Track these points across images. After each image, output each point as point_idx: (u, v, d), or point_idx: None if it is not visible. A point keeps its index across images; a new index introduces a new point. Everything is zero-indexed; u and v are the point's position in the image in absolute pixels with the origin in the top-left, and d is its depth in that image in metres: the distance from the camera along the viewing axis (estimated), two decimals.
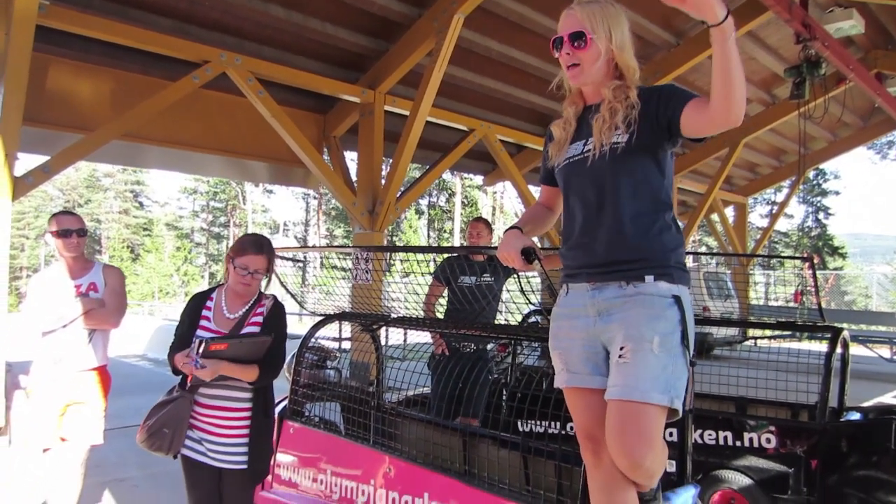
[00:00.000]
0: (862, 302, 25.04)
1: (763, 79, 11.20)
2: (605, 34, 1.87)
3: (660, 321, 1.75)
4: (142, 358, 12.94)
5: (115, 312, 3.32)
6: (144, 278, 40.71)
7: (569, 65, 1.90)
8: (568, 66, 1.91)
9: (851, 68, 9.05)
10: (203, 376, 2.39)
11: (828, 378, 3.52)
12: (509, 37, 7.87)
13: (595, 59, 1.87)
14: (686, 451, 2.28)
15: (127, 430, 2.66)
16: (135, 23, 5.77)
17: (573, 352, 1.91)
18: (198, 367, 2.35)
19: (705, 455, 3.65)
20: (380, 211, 7.23)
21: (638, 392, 1.69)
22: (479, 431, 3.01)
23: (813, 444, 3.42)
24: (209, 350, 2.37)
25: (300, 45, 7.09)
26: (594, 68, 1.89)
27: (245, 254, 2.58)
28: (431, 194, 41.80)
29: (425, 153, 9.30)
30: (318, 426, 3.27)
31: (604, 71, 1.90)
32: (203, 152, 7.29)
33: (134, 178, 47.25)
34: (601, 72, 1.90)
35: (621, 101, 1.85)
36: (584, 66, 1.88)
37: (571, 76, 1.92)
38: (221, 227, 48.02)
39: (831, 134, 13.91)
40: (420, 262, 3.63)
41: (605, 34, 1.87)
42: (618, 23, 1.89)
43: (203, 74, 6.02)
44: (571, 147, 1.96)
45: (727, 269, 15.20)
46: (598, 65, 1.89)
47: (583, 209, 1.91)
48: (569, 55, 1.88)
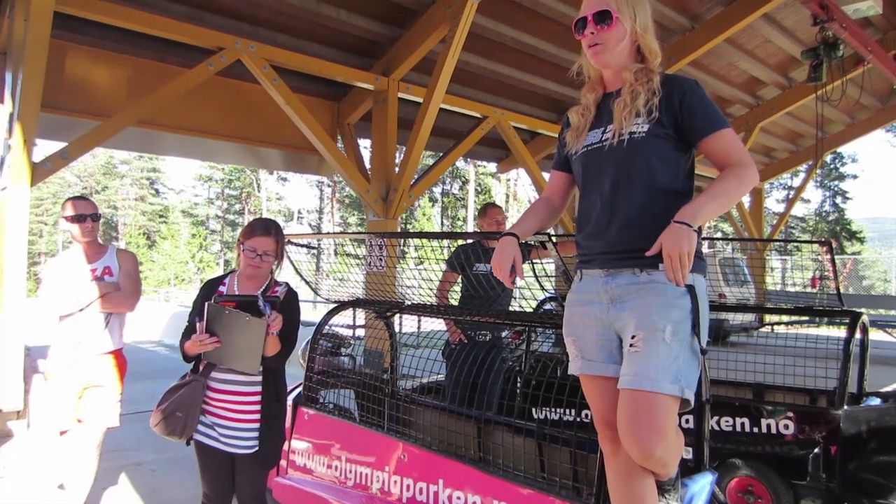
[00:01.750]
0: (881, 286, 24.76)
1: (779, 61, 11.02)
2: (630, 15, 1.86)
3: (672, 310, 1.74)
4: (158, 344, 13.11)
5: (130, 296, 3.35)
6: (160, 265, 41.14)
7: (592, 44, 1.88)
8: (590, 46, 1.89)
9: (870, 49, 8.87)
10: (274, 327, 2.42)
11: (847, 363, 3.48)
12: (523, 22, 7.79)
13: (619, 39, 1.86)
14: (703, 438, 2.27)
15: (143, 415, 2.70)
16: (151, 10, 5.79)
17: (587, 339, 1.91)
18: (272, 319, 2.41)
19: (723, 442, 3.63)
20: (393, 198, 7.23)
21: (649, 381, 1.68)
22: (493, 419, 3.02)
23: (832, 430, 3.39)
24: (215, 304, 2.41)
25: (314, 33, 7.07)
26: (618, 49, 1.88)
27: (254, 236, 2.60)
28: (445, 182, 41.73)
29: (439, 140, 9.27)
30: (333, 413, 3.29)
31: (627, 52, 1.89)
32: (218, 139, 7.32)
33: (150, 165, 47.64)
34: (624, 53, 1.89)
35: (643, 84, 1.84)
36: (608, 46, 1.87)
37: (593, 54, 1.90)
38: (236, 215, 48.33)
39: (849, 117, 13.68)
40: (434, 248, 3.63)
41: (629, 15, 1.86)
42: (642, 5, 1.89)
43: (218, 61, 6.03)
44: (590, 135, 1.95)
45: (743, 255, 15.06)
46: (623, 46, 1.88)
47: (599, 197, 1.90)
48: (593, 34, 1.87)
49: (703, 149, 1.84)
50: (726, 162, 1.80)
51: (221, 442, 2.55)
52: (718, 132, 1.80)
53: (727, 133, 1.81)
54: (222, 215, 48.43)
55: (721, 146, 1.80)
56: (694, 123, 1.81)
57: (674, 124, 1.82)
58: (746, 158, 1.80)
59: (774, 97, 12.01)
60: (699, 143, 1.83)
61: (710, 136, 1.80)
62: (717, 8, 8.69)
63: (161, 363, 10.09)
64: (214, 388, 2.58)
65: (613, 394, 1.81)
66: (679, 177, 1.87)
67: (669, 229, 1.68)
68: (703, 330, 1.76)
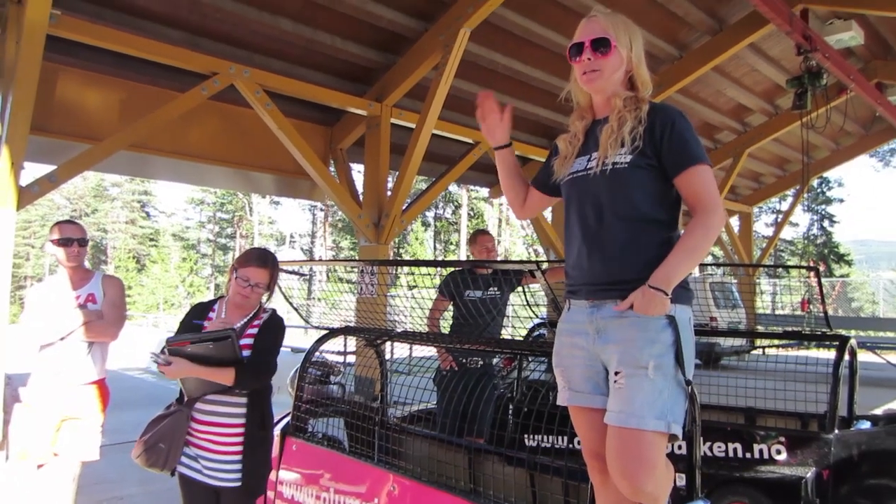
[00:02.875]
0: (869, 308, 24.92)
1: (765, 89, 11.21)
2: (627, 45, 1.89)
3: (654, 345, 1.73)
4: (145, 371, 12.93)
5: (113, 324, 3.29)
6: (150, 289, 40.77)
7: (587, 70, 1.89)
8: (585, 72, 1.90)
9: (852, 78, 9.06)
10: (167, 374, 2.41)
11: (836, 387, 3.50)
12: (514, 50, 7.90)
13: (616, 68, 1.88)
14: (695, 465, 2.26)
15: (128, 445, 2.64)
16: (145, 34, 5.80)
17: (575, 370, 1.90)
18: (161, 363, 2.39)
19: (715, 468, 3.62)
20: (385, 223, 7.24)
21: (634, 419, 1.69)
22: (485, 448, 2.99)
23: (824, 454, 3.39)
24: (170, 347, 2.40)
25: (308, 58, 7.13)
26: (614, 77, 1.89)
27: (248, 265, 2.59)
28: (438, 206, 41.82)
29: (431, 165, 9.31)
30: (322, 443, 3.25)
31: (620, 81, 1.91)
32: (210, 164, 7.31)
33: (141, 188, 47.51)
34: (618, 81, 1.91)
35: (631, 112, 1.85)
36: (604, 73, 1.88)
37: (588, 80, 1.90)
38: (228, 239, 48.15)
39: (834, 143, 13.89)
40: (425, 275, 3.63)
41: (626, 45, 1.88)
42: (637, 36, 1.92)
43: (211, 86, 6.06)
44: (576, 162, 1.96)
45: (733, 279, 15.13)
46: (618, 75, 1.90)
47: (583, 226, 1.90)
48: (590, 60, 1.87)
49: (676, 184, 1.83)
50: (694, 204, 1.81)
51: (205, 475, 2.51)
52: (690, 169, 1.79)
53: (699, 171, 1.80)
54: (214, 239, 48.22)
55: (691, 186, 1.80)
56: (670, 157, 1.81)
57: (656, 155, 1.82)
58: (712, 203, 1.79)
59: (761, 124, 12.19)
60: (673, 179, 1.83)
61: (683, 173, 1.80)
62: (705, 38, 8.86)
63: (148, 391, 9.94)
64: (198, 419, 2.54)
65: (601, 425, 1.80)
66: (663, 207, 1.86)
67: (643, 293, 1.70)
68: (687, 361, 1.75)
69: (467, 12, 6.43)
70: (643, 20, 8.06)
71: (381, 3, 6.64)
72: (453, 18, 6.57)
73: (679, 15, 8.29)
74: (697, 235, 1.76)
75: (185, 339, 2.46)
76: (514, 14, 7.26)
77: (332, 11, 6.57)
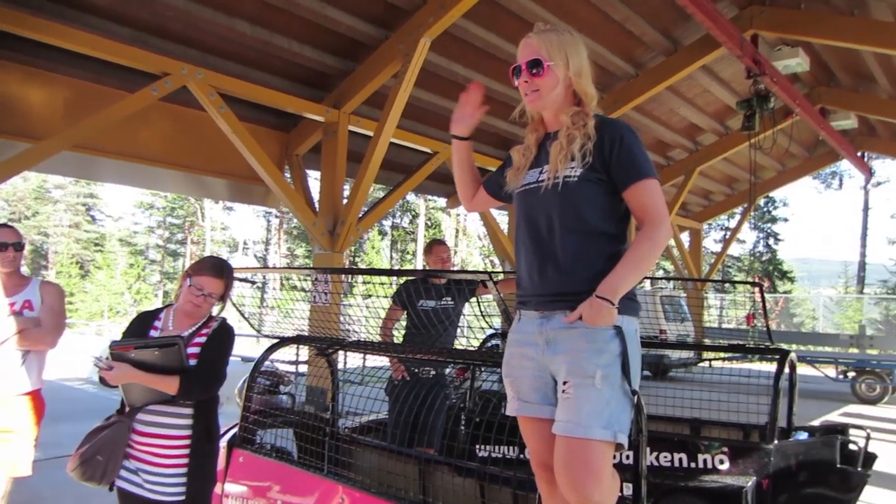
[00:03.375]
0: (809, 323, 25.86)
1: (717, 110, 11.60)
2: (563, 61, 1.90)
3: (602, 355, 1.75)
4: (85, 381, 12.41)
5: (51, 332, 3.14)
6: (94, 296, 39.32)
7: (527, 92, 1.93)
8: (526, 94, 1.94)
9: (797, 103, 9.47)
10: (108, 378, 2.32)
11: (777, 399, 3.60)
12: (475, 62, 7.97)
13: (553, 85, 1.91)
14: (641, 475, 2.29)
15: (63, 460, 2.52)
16: (91, 29, 5.60)
17: (524, 380, 1.91)
18: (102, 368, 2.30)
19: (661, 477, 3.67)
20: (341, 231, 7.17)
21: (581, 428, 1.70)
22: (435, 459, 2.97)
23: (764, 464, 3.48)
24: (113, 351, 2.32)
25: (265, 62, 7.03)
26: (552, 94, 1.92)
27: (203, 274, 2.52)
28: (395, 215, 41.72)
29: (389, 174, 9.28)
30: (270, 454, 3.17)
31: (562, 97, 1.93)
32: (160, 167, 7.12)
33: (86, 190, 45.84)
34: (560, 98, 1.93)
35: (579, 129, 1.87)
36: (542, 92, 1.91)
37: (530, 101, 1.95)
38: (178, 245, 46.88)
39: (779, 164, 14.46)
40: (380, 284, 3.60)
41: (562, 61, 1.90)
42: (575, 51, 1.93)
43: (163, 87, 5.90)
44: (529, 174, 1.98)
45: (683, 293, 15.54)
46: (557, 91, 1.92)
47: (533, 238, 1.92)
48: (527, 83, 1.92)
49: (625, 198, 1.86)
50: (642, 217, 1.84)
51: (146, 489, 2.41)
52: (637, 184, 1.82)
53: (647, 185, 1.82)
54: (163, 245, 46.88)
55: (639, 199, 1.83)
56: (618, 172, 1.84)
57: (605, 169, 1.85)
58: (659, 216, 1.82)
59: (712, 143, 12.60)
60: (622, 193, 1.86)
61: (631, 187, 1.83)
62: (660, 58, 9.12)
63: (88, 402, 9.55)
64: (140, 430, 2.44)
65: (549, 435, 1.81)
66: (612, 220, 1.89)
67: (590, 304, 1.73)
68: (633, 371, 1.78)
69: (428, 22, 6.46)
70: (601, 37, 8.25)
71: (339, 9, 6.61)
72: (414, 27, 6.59)
73: (636, 34, 8.52)
74: (644, 248, 1.79)
75: (130, 343, 2.38)
76: (475, 26, 7.34)
77: (290, 15, 6.50)
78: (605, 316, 1.72)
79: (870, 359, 12.21)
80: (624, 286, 1.76)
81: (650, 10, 8.10)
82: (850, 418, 9.17)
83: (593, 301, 1.73)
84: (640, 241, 1.80)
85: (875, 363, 11.74)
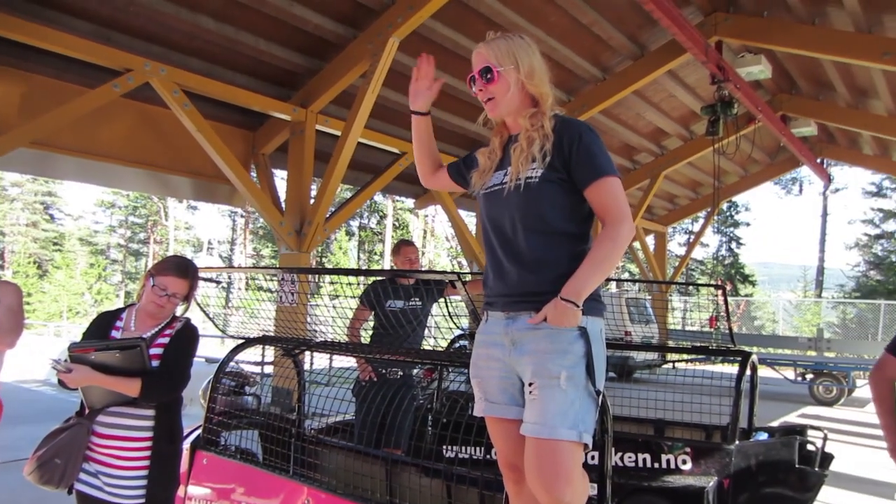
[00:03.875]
0: (770, 326, 26.47)
1: (682, 115, 11.81)
2: (513, 65, 1.92)
3: (566, 356, 1.76)
4: (43, 383, 12.04)
5: (10, 332, 3.04)
6: (52, 296, 38.20)
7: (484, 100, 1.97)
8: (484, 101, 1.98)
9: (760, 109, 9.70)
10: (67, 381, 2.26)
11: (738, 400, 3.67)
12: (443, 63, 7.91)
13: (506, 90, 1.93)
14: (605, 475, 2.31)
15: (21, 463, 2.44)
16: (49, 24, 5.45)
17: (491, 381, 1.92)
18: (61, 371, 2.24)
19: (626, 477, 3.72)
20: (307, 231, 7.10)
21: (547, 429, 1.71)
22: (402, 460, 2.96)
23: (725, 464, 3.55)
24: (73, 354, 2.26)
25: (231, 59, 6.92)
26: (506, 99, 1.94)
27: (166, 274, 2.46)
28: (362, 216, 41.50)
29: (356, 174, 9.23)
30: (234, 456, 3.12)
31: (518, 100, 1.95)
32: (121, 164, 6.95)
33: (45, 188, 44.52)
34: (515, 102, 1.95)
35: (538, 130, 1.89)
36: (498, 99, 1.95)
37: (489, 110, 1.99)
38: (140, 244, 45.83)
39: (742, 169, 14.79)
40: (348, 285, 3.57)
41: (512, 65, 1.92)
42: (525, 53, 1.94)
43: (124, 83, 5.76)
44: (493, 176, 1.99)
45: (648, 295, 15.79)
46: (510, 95, 1.94)
47: (498, 240, 1.93)
48: (482, 91, 1.96)
49: (586, 196, 1.86)
50: (603, 215, 1.85)
51: (106, 492, 2.35)
52: (598, 182, 1.83)
53: (608, 182, 1.83)
54: (125, 244, 45.78)
55: (600, 197, 1.84)
56: (578, 171, 1.85)
57: (566, 168, 1.86)
58: (620, 213, 1.82)
59: (677, 147, 12.82)
60: (583, 191, 1.86)
61: (592, 185, 1.83)
62: (627, 62, 9.25)
63: (46, 404, 9.27)
64: (100, 432, 2.38)
65: (516, 436, 1.81)
66: (574, 220, 1.89)
67: (555, 305, 1.75)
68: (598, 372, 1.79)
69: (397, 22, 6.44)
70: (569, 41, 8.34)
71: (307, 7, 6.54)
72: (383, 27, 6.57)
73: (603, 38, 8.62)
74: (606, 247, 1.79)
75: (90, 345, 2.31)
76: (444, 27, 7.34)
77: (256, 12, 6.42)
78: (569, 317, 1.73)
79: (827, 361, 12.53)
80: (587, 287, 1.77)
81: (617, 15, 8.21)
82: (808, 419, 9.43)
83: (557, 303, 1.74)
84: (601, 241, 1.80)
85: (832, 366, 12.04)
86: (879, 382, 2.54)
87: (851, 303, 25.63)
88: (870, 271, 29.07)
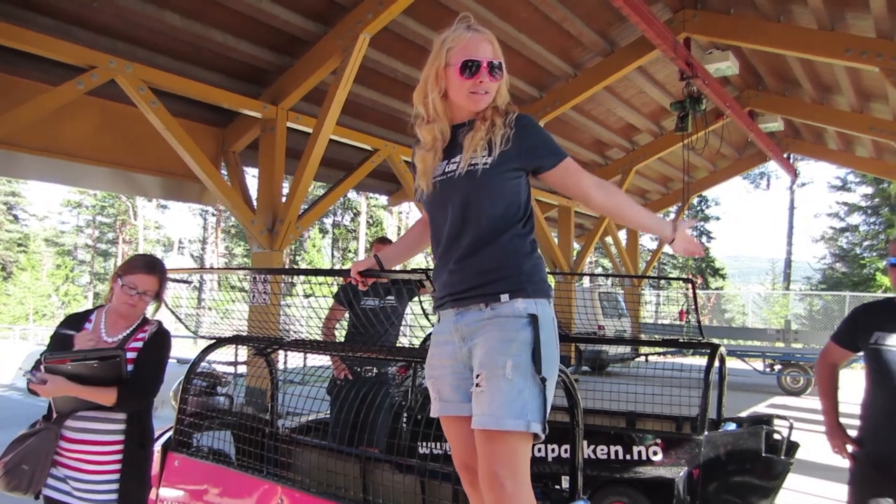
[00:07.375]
0: (740, 319, 26.95)
1: (652, 111, 11.97)
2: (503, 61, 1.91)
3: (512, 344, 1.73)
4: (10, 388, 11.75)
5: None
6: (17, 299, 37.26)
7: (479, 91, 1.86)
8: (476, 92, 1.86)
9: (728, 105, 9.87)
10: (41, 392, 2.21)
11: (707, 391, 3.74)
12: (415, 59, 7.95)
13: (499, 87, 1.89)
14: (577, 467, 2.33)
15: None
16: (8, 19, 5.31)
17: (444, 380, 1.88)
18: (35, 382, 2.18)
19: (598, 469, 3.77)
20: (280, 230, 7.04)
21: (492, 419, 1.67)
22: (376, 457, 2.96)
23: (694, 455, 3.62)
24: (47, 364, 2.20)
25: (198, 56, 6.83)
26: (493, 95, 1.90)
27: (135, 272, 2.42)
28: (336, 213, 41.24)
29: (329, 171, 9.18)
30: (207, 457, 3.09)
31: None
32: (88, 163, 6.81)
33: (8, 188, 43.34)
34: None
35: (498, 119, 1.86)
36: (491, 95, 1.88)
37: (475, 100, 1.87)
38: (109, 244, 44.91)
39: (711, 164, 15.05)
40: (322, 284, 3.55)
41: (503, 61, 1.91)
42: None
43: (89, 80, 5.65)
44: (439, 166, 1.92)
45: (620, 290, 15.97)
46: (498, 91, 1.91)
47: (444, 232, 1.89)
48: (482, 83, 1.85)
49: (550, 181, 1.89)
50: (578, 192, 1.91)
51: (75, 497, 2.31)
52: (561, 164, 1.87)
53: (569, 163, 1.89)
54: (93, 245, 44.82)
55: (568, 178, 1.90)
56: (537, 158, 1.86)
57: (516, 158, 1.84)
58: (593, 181, 1.91)
59: (648, 143, 13.00)
60: (545, 176, 1.89)
61: (555, 169, 1.87)
62: (597, 58, 9.34)
63: (13, 409, 9.06)
64: (69, 437, 2.33)
65: (470, 435, 1.77)
66: (519, 211, 1.88)
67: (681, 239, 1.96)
68: (546, 359, 1.74)
69: (367, 18, 6.42)
70: (540, 37, 8.38)
71: (276, 3, 6.49)
72: (353, 23, 6.54)
73: (573, 34, 8.69)
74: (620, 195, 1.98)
75: (66, 356, 2.24)
76: (416, 23, 7.33)
77: (224, 8, 6.34)
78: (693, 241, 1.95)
79: (794, 352, 12.82)
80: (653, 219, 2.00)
81: (587, 11, 8.29)
82: (776, 409, 9.62)
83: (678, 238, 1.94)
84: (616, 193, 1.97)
85: (799, 356, 12.29)
86: (823, 368, 2.72)
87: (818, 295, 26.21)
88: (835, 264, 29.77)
